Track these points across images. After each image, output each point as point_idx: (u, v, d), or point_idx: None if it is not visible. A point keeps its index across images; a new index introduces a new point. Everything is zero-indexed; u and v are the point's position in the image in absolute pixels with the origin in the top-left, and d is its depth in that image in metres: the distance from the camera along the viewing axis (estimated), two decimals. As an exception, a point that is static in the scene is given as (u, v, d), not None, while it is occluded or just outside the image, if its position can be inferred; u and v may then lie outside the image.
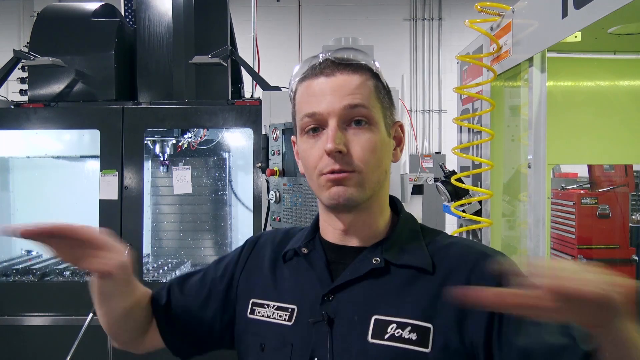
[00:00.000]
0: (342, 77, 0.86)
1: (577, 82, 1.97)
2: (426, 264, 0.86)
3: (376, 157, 0.86)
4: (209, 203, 3.19)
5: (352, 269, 0.88)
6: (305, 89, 0.89)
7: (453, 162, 2.76)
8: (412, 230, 0.93)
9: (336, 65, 0.87)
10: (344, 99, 0.84)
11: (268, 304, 0.94)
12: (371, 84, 0.88)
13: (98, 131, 2.61)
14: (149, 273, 2.83)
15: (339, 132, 0.84)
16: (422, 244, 0.90)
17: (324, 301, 0.87)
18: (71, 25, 2.87)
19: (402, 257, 0.87)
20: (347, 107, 0.84)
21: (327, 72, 0.86)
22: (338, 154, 0.83)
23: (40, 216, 3.12)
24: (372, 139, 0.85)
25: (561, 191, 3.44)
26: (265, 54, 4.16)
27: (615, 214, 3.09)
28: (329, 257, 0.92)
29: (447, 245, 0.89)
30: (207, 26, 2.85)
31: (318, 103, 0.86)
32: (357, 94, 0.85)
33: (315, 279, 0.90)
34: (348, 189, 0.85)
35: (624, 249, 3.07)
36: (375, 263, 0.86)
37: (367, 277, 0.86)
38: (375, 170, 0.86)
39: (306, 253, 0.94)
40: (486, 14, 1.96)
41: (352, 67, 0.87)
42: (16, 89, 2.88)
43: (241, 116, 2.61)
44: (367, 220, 0.91)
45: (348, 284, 0.87)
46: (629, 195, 3.24)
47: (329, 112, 0.84)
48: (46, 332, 2.53)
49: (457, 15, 8.46)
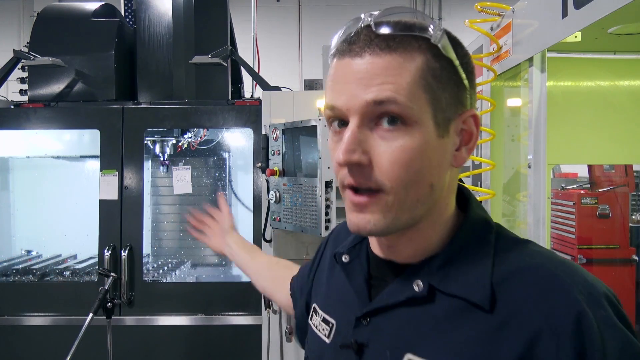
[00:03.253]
0: (372, 59, 0.62)
1: (577, 82, 1.97)
2: (480, 299, 0.63)
3: (413, 170, 0.63)
4: (209, 203, 3.19)
5: (390, 292, 0.71)
6: (332, 69, 0.67)
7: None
8: (480, 242, 0.69)
9: (371, 39, 0.63)
10: (368, 90, 0.62)
11: (318, 312, 0.83)
12: (417, 66, 0.63)
13: (98, 131, 2.61)
14: (149, 273, 2.83)
15: (358, 137, 0.64)
16: (487, 264, 0.66)
17: (358, 324, 0.73)
18: (71, 25, 2.87)
19: (451, 284, 0.66)
20: (370, 103, 0.62)
21: (355, 50, 0.64)
22: (355, 166, 0.64)
23: (40, 216, 3.12)
24: (407, 146, 0.63)
25: (561, 191, 3.45)
26: (265, 54, 4.16)
27: (615, 214, 3.09)
28: (371, 270, 0.76)
29: (522, 270, 0.64)
30: (207, 26, 2.85)
31: (339, 93, 0.65)
32: (389, 83, 0.62)
33: (354, 295, 0.76)
34: (370, 218, 0.65)
35: (624, 249, 3.07)
36: (416, 290, 0.67)
37: (406, 304, 0.68)
38: (411, 187, 0.64)
39: (347, 262, 0.79)
40: (486, 14, 1.96)
41: (393, 42, 0.63)
42: (16, 89, 2.88)
43: (241, 116, 2.61)
44: (414, 238, 0.70)
45: (384, 309, 0.70)
46: (629, 195, 3.25)
47: (349, 108, 0.64)
48: (46, 332, 2.53)
49: (457, 15, 8.46)
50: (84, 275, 2.77)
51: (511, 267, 0.65)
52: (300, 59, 8.57)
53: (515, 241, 0.70)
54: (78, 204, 3.00)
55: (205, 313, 2.54)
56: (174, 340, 2.56)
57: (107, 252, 2.50)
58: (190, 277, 3.08)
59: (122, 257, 2.50)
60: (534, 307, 0.60)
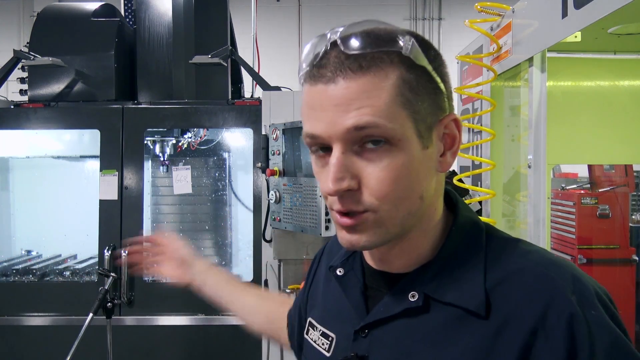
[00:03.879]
0: (345, 83, 0.61)
1: (577, 82, 1.97)
2: (476, 306, 0.63)
3: (401, 187, 0.63)
4: (209, 203, 3.19)
5: (386, 303, 0.71)
6: (305, 94, 0.66)
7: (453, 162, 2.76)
8: (472, 246, 0.69)
9: (341, 61, 0.61)
10: (348, 116, 0.61)
11: (317, 327, 0.82)
12: (392, 83, 0.61)
13: (98, 131, 2.61)
14: (149, 273, 2.83)
15: (344, 163, 0.63)
16: (480, 269, 0.66)
17: (357, 337, 0.73)
18: (71, 25, 2.87)
19: (446, 292, 0.66)
20: (351, 129, 0.61)
21: (327, 75, 0.62)
22: (346, 193, 0.63)
23: (40, 216, 3.12)
24: (393, 165, 0.62)
25: (561, 191, 3.45)
26: (265, 54, 4.16)
27: (615, 214, 3.09)
28: (367, 282, 0.76)
29: (514, 272, 0.65)
30: (207, 26, 2.84)
31: (317, 121, 0.63)
32: (366, 106, 0.60)
33: (351, 308, 0.76)
34: (361, 236, 0.65)
35: (624, 249, 3.07)
36: (412, 301, 0.68)
37: (403, 316, 0.69)
38: (400, 203, 0.64)
39: (342, 275, 0.78)
40: (486, 14, 1.96)
41: (364, 60, 0.61)
42: (16, 89, 2.88)
43: (241, 116, 2.61)
44: (406, 248, 0.71)
45: (382, 322, 0.70)
46: (629, 195, 3.25)
47: (330, 135, 0.63)
48: (46, 332, 2.53)
49: (457, 15, 8.46)
50: (84, 275, 2.77)
51: (504, 270, 0.65)
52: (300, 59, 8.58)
53: (505, 241, 0.70)
54: (78, 204, 3.00)
55: (205, 313, 2.54)
56: (174, 340, 2.56)
57: (107, 252, 2.50)
58: (190, 277, 3.08)
59: (122, 257, 2.50)
60: (527, 310, 0.61)
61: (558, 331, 0.59)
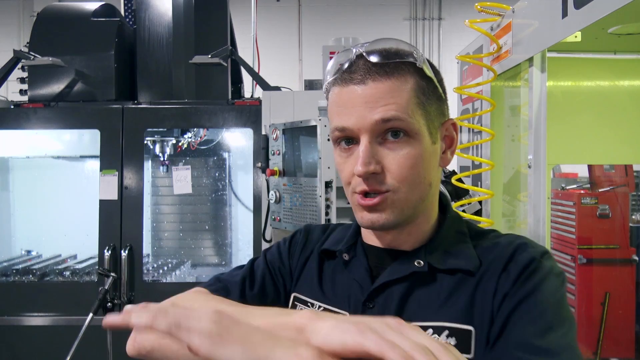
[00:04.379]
0: (374, 84, 0.75)
1: (577, 82, 1.97)
2: (474, 266, 0.77)
3: (416, 172, 0.77)
4: (209, 203, 3.19)
5: (390, 270, 0.81)
6: (335, 96, 0.79)
7: (453, 162, 2.76)
8: (459, 232, 0.84)
9: (368, 68, 0.76)
10: (376, 111, 0.74)
11: (313, 303, 0.87)
12: (410, 87, 0.76)
13: (98, 131, 2.61)
14: (149, 273, 2.83)
15: (371, 151, 0.75)
16: (469, 245, 0.81)
17: (365, 309, 0.80)
18: (71, 25, 2.87)
19: (447, 261, 0.79)
20: (379, 121, 0.74)
21: (357, 78, 0.76)
22: (371, 175, 0.76)
23: (40, 216, 3.12)
24: (411, 154, 0.76)
25: (561, 191, 3.45)
26: (265, 54, 4.16)
27: (615, 214, 3.09)
28: (371, 263, 0.85)
29: (492, 246, 0.81)
30: (207, 26, 2.85)
31: (348, 116, 0.76)
32: (391, 103, 0.74)
33: (356, 285, 0.84)
34: (382, 214, 0.77)
35: (624, 249, 3.07)
36: (418, 266, 0.79)
37: (407, 280, 0.79)
38: (415, 187, 0.77)
39: (347, 260, 0.87)
40: (486, 14, 1.96)
41: (388, 69, 0.75)
42: (16, 89, 2.88)
43: (241, 116, 2.61)
44: (413, 232, 0.83)
45: (386, 286, 0.80)
46: (629, 195, 3.25)
47: (360, 128, 0.75)
48: (46, 332, 2.53)
49: (457, 15, 8.46)
50: (84, 275, 2.77)
51: (484, 245, 0.81)
52: (300, 59, 8.57)
53: (483, 231, 0.86)
54: (78, 204, 3.00)
55: (205, 313, 2.54)
56: (174, 340, 2.55)
57: (107, 252, 2.50)
58: (190, 277, 3.08)
59: (122, 257, 2.50)
60: (499, 261, 0.76)
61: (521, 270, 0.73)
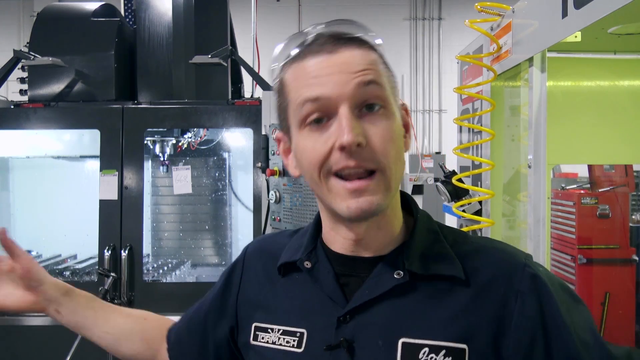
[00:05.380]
0: (348, 52, 0.70)
1: (577, 82, 1.97)
2: (457, 271, 0.73)
3: (396, 148, 0.71)
4: (209, 203, 3.19)
5: (370, 285, 0.74)
6: (300, 71, 0.71)
7: (453, 162, 2.76)
8: (431, 232, 0.78)
9: (337, 39, 0.71)
10: (355, 76, 0.68)
11: (272, 328, 0.80)
12: (377, 58, 0.73)
13: (98, 131, 2.61)
14: (149, 273, 2.83)
15: (355, 121, 0.68)
16: (447, 247, 0.76)
17: (340, 324, 0.74)
18: (71, 25, 2.87)
19: (429, 266, 0.74)
20: (360, 84, 0.68)
21: (327, 47, 0.70)
22: (356, 148, 0.67)
23: (40, 216, 3.12)
24: (390, 127, 0.70)
25: (561, 191, 3.44)
26: (265, 54, 4.15)
27: (615, 214, 3.09)
28: (337, 270, 0.78)
29: (474, 249, 0.77)
30: (207, 26, 2.84)
31: (322, 84, 0.68)
32: (368, 69, 0.69)
33: (324, 297, 0.77)
34: (374, 197, 0.69)
35: (624, 249, 3.07)
36: (398, 278, 0.73)
37: (389, 294, 0.73)
38: (397, 164, 0.71)
39: (310, 267, 0.79)
40: (486, 14, 1.96)
41: (356, 42, 0.72)
42: (16, 89, 2.88)
43: (241, 116, 2.61)
44: (383, 226, 0.76)
45: (368, 304, 0.73)
46: (629, 195, 3.24)
47: (338, 95, 0.68)
48: (46, 332, 2.53)
49: (457, 15, 8.46)
50: (84, 275, 2.77)
51: (464, 247, 0.77)
52: (300, 59, 8.58)
53: (452, 230, 0.82)
54: (78, 204, 3.00)
55: (205, 313, 2.54)
56: (174, 340, 2.55)
57: (107, 252, 2.50)
58: (190, 277, 3.08)
59: (122, 257, 2.50)
60: (497, 277, 0.73)
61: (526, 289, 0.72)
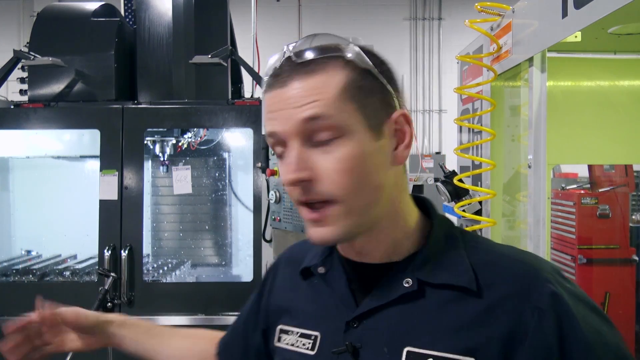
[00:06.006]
0: (297, 84, 0.69)
1: (577, 82, 1.97)
2: (467, 282, 0.71)
3: (357, 176, 0.69)
4: (209, 203, 3.19)
5: (379, 292, 0.74)
6: (265, 102, 0.74)
7: (453, 162, 2.76)
8: (450, 238, 0.76)
9: (294, 67, 0.70)
10: (299, 111, 0.68)
11: (292, 330, 0.83)
12: (338, 81, 0.69)
13: (98, 131, 2.61)
14: (149, 273, 2.83)
15: (300, 155, 0.69)
16: (463, 254, 0.74)
17: (348, 328, 0.75)
18: (71, 25, 2.87)
19: (439, 275, 0.72)
20: (303, 121, 0.68)
21: (283, 79, 0.70)
22: (302, 183, 0.69)
23: (40, 216, 3.12)
24: (346, 155, 0.68)
25: (561, 191, 3.44)
26: (265, 54, 4.15)
27: (615, 214, 3.09)
28: (349, 276, 0.79)
29: (493, 259, 0.74)
30: (207, 26, 2.84)
31: (274, 120, 0.71)
32: (316, 101, 0.68)
33: (337, 302, 0.78)
34: (331, 228, 0.70)
35: (624, 249, 3.07)
36: (407, 286, 0.72)
37: (397, 302, 0.73)
38: (360, 192, 0.69)
39: (323, 273, 0.81)
40: (486, 14, 1.96)
41: (314, 65, 0.70)
42: (16, 89, 2.87)
43: (241, 116, 2.61)
44: (381, 240, 0.75)
45: (375, 310, 0.74)
46: (629, 195, 3.25)
47: (286, 131, 0.69)
48: (46, 332, 2.53)
49: (457, 15, 8.46)
50: (84, 275, 2.77)
51: (482, 256, 0.74)
52: (300, 59, 8.58)
53: (475, 237, 0.79)
54: (78, 204, 3.00)
55: (205, 313, 2.54)
56: (174, 340, 2.55)
57: (107, 252, 2.50)
58: (190, 277, 3.08)
59: (122, 257, 2.50)
60: (514, 290, 0.69)
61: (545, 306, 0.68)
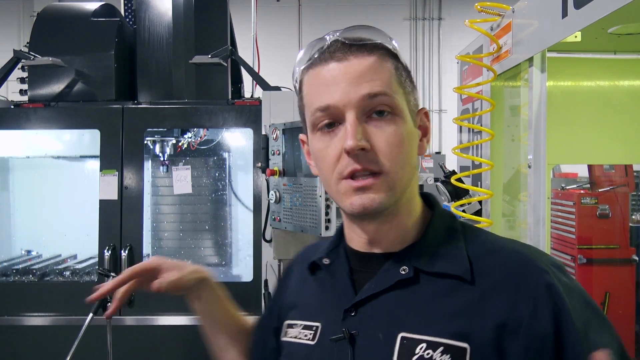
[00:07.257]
0: (357, 60, 0.73)
1: (577, 82, 1.97)
2: (462, 272, 0.73)
3: (404, 151, 0.74)
4: (209, 203, 3.19)
5: (376, 280, 0.77)
6: (313, 78, 0.76)
7: (453, 162, 2.76)
8: (450, 229, 0.79)
9: (348, 47, 0.74)
10: (362, 86, 0.72)
11: (297, 323, 0.85)
12: (391, 66, 0.75)
13: (98, 131, 2.61)
14: (149, 273, 2.83)
15: (359, 126, 0.72)
16: (461, 246, 0.76)
17: (346, 316, 0.77)
18: (71, 25, 2.87)
19: (435, 264, 0.75)
20: (366, 96, 0.72)
21: (338, 55, 0.74)
22: (361, 152, 0.71)
23: (40, 216, 3.12)
24: (398, 131, 0.73)
25: (561, 191, 3.44)
26: (265, 54, 4.15)
27: (615, 214, 3.09)
28: (353, 266, 0.82)
29: (492, 250, 0.76)
30: (207, 26, 2.84)
31: (331, 94, 0.73)
32: (377, 79, 0.73)
33: (339, 292, 0.81)
34: (376, 196, 0.73)
35: (624, 249, 3.07)
36: (403, 273, 0.75)
37: (393, 289, 0.75)
38: (404, 167, 0.74)
39: (328, 264, 0.84)
40: (486, 14, 1.96)
41: (368, 48, 0.74)
42: (16, 89, 2.88)
43: (241, 116, 2.61)
44: (394, 225, 0.79)
45: (372, 297, 0.76)
46: (629, 195, 3.25)
47: (345, 104, 0.72)
48: (46, 332, 2.53)
49: (457, 15, 8.46)
50: (84, 275, 2.77)
51: (481, 248, 0.76)
52: (300, 59, 8.58)
53: (478, 230, 0.82)
54: (78, 204, 3.00)
55: (205, 313, 2.54)
56: (174, 340, 2.55)
57: (107, 252, 2.50)
58: (190, 277, 3.08)
59: (122, 257, 2.50)
60: (509, 280, 0.72)
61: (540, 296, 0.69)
